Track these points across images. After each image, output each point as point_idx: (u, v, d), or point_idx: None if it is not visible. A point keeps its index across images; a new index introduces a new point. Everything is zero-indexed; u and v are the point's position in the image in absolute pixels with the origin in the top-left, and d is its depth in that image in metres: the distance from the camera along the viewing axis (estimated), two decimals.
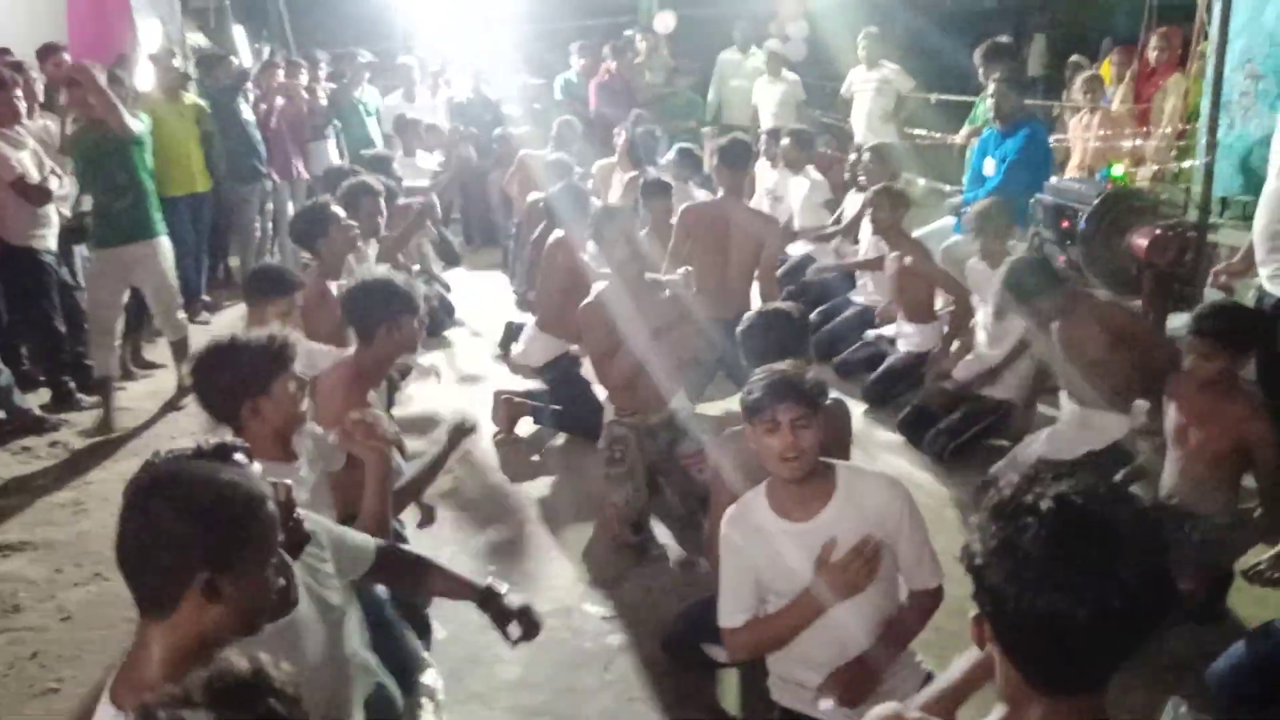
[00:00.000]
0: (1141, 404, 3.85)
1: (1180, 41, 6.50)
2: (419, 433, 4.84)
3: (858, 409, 5.02)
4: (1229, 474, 3.16)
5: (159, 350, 6.07)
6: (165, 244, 5.53)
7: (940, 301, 5.28)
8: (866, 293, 5.96)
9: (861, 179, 6.16)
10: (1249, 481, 3.21)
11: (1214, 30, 4.83)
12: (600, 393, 4.49)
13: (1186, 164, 5.69)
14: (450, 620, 3.30)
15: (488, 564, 3.92)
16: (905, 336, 5.28)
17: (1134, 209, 4.68)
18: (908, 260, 5.04)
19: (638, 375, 3.95)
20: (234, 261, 8.03)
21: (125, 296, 5.60)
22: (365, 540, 2.26)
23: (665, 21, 10.22)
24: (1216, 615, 3.21)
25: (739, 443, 2.73)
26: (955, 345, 4.90)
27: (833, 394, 2.98)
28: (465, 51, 9.74)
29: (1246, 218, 5.74)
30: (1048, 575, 1.21)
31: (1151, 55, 6.70)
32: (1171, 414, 3.27)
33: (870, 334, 5.61)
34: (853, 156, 6.81)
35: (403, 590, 2.88)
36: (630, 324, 3.90)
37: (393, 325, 3.12)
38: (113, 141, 5.19)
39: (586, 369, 4.71)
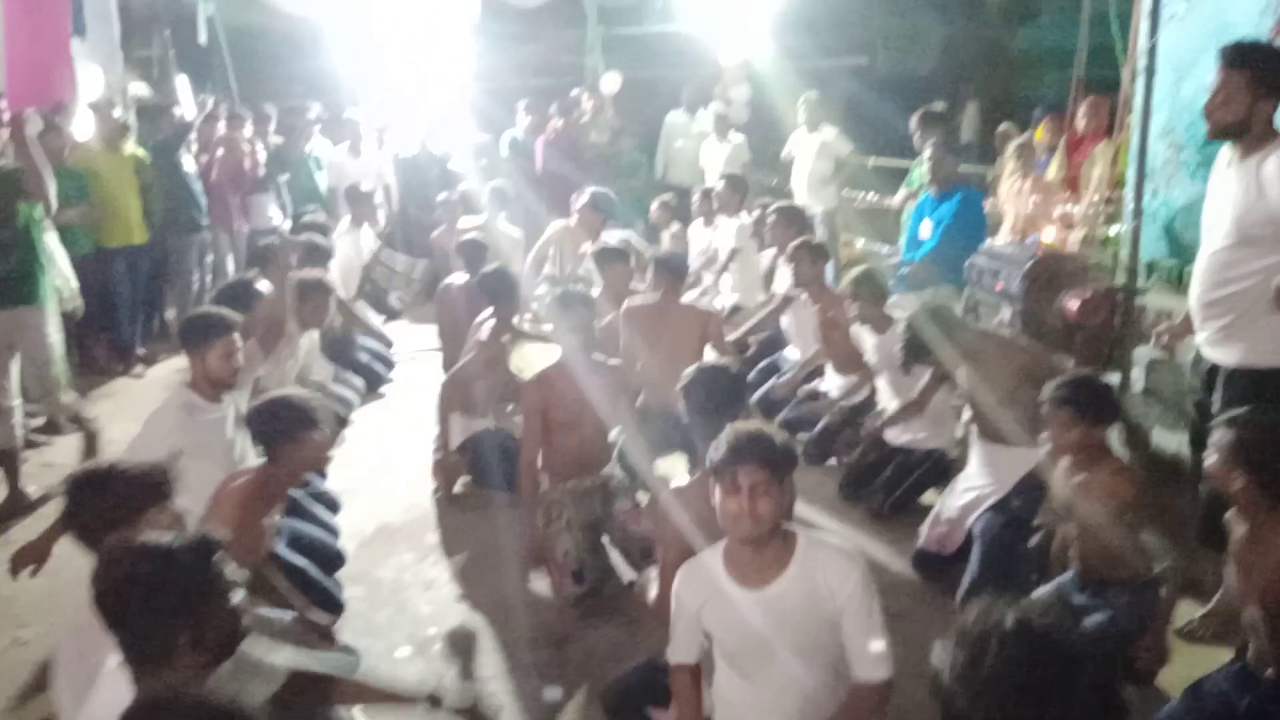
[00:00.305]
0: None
1: (1107, 111, 6.75)
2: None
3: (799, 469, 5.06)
4: (1126, 537, 3.17)
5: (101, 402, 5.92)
6: (50, 311, 4.96)
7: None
8: (803, 350, 5.96)
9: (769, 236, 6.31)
10: None
11: (1137, 101, 5.03)
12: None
13: (1114, 229, 5.88)
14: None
15: (428, 626, 3.85)
16: (837, 390, 5.35)
17: (1065, 272, 4.83)
18: (831, 313, 5.13)
19: (576, 448, 4.01)
20: (171, 314, 7.89)
21: (14, 366, 4.86)
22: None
23: (612, 82, 10.38)
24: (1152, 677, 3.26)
25: (689, 495, 2.74)
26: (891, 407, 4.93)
27: None
28: (412, 107, 9.78)
29: (1171, 281, 5.96)
30: (1011, 696, 1.26)
31: (1080, 124, 6.94)
32: (1057, 490, 3.33)
33: (804, 390, 5.67)
34: (756, 213, 6.95)
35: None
36: (573, 402, 3.99)
37: (294, 443, 3.18)
38: (6, 194, 4.68)
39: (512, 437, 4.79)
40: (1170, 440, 4.59)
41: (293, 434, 3.18)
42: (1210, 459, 2.67)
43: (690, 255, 7.23)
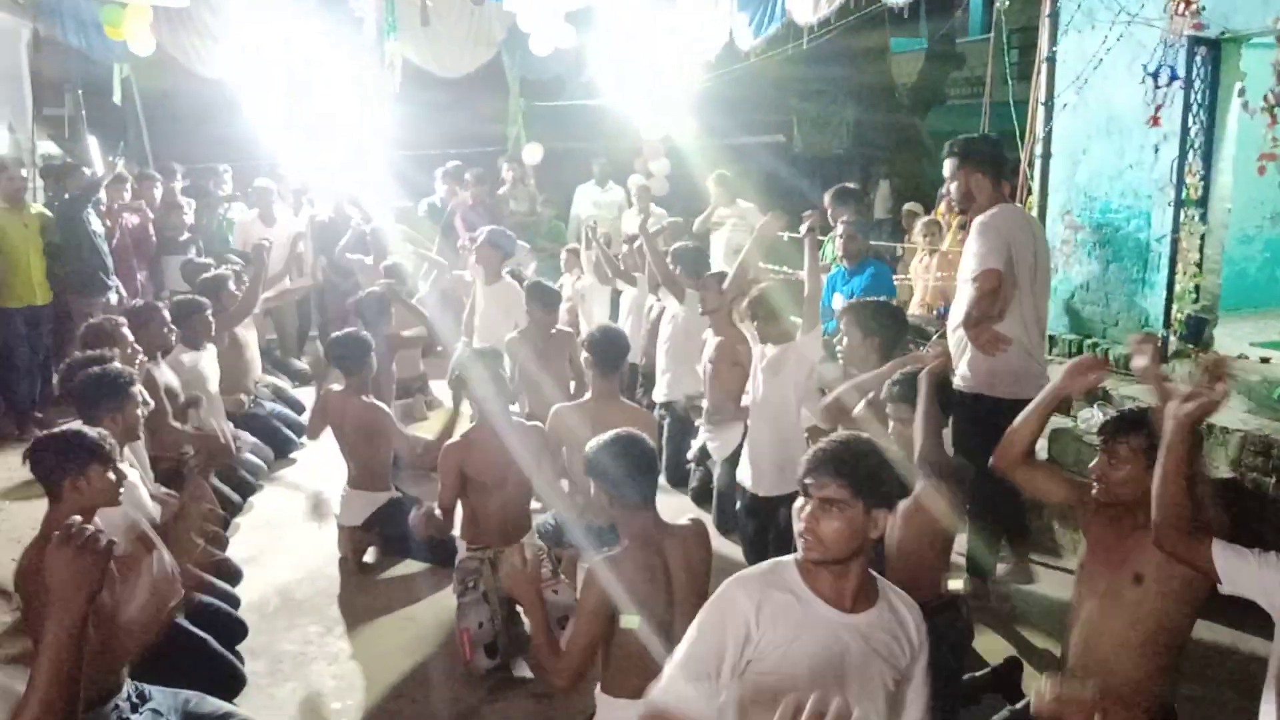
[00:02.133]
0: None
1: (1009, 193, 7.06)
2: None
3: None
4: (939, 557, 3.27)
5: None
6: None
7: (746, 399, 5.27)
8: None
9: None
10: None
11: (1036, 185, 5.28)
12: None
13: None
14: None
15: (332, 701, 3.72)
16: (713, 445, 5.37)
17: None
18: (738, 347, 5.15)
19: (498, 513, 3.96)
20: None
21: None
22: None
23: (533, 153, 10.52)
24: (1020, 693, 3.36)
25: (621, 562, 2.68)
26: None
27: (690, 516, 3.01)
28: (330, 172, 9.73)
29: (1072, 355, 6.20)
30: None
31: (946, 213, 7.25)
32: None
33: (693, 449, 5.68)
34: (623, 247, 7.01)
35: None
36: (494, 465, 3.94)
37: (78, 478, 2.87)
38: None
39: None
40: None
41: (78, 469, 2.88)
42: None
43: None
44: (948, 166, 4.24)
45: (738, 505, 4.82)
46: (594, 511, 3.72)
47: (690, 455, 5.75)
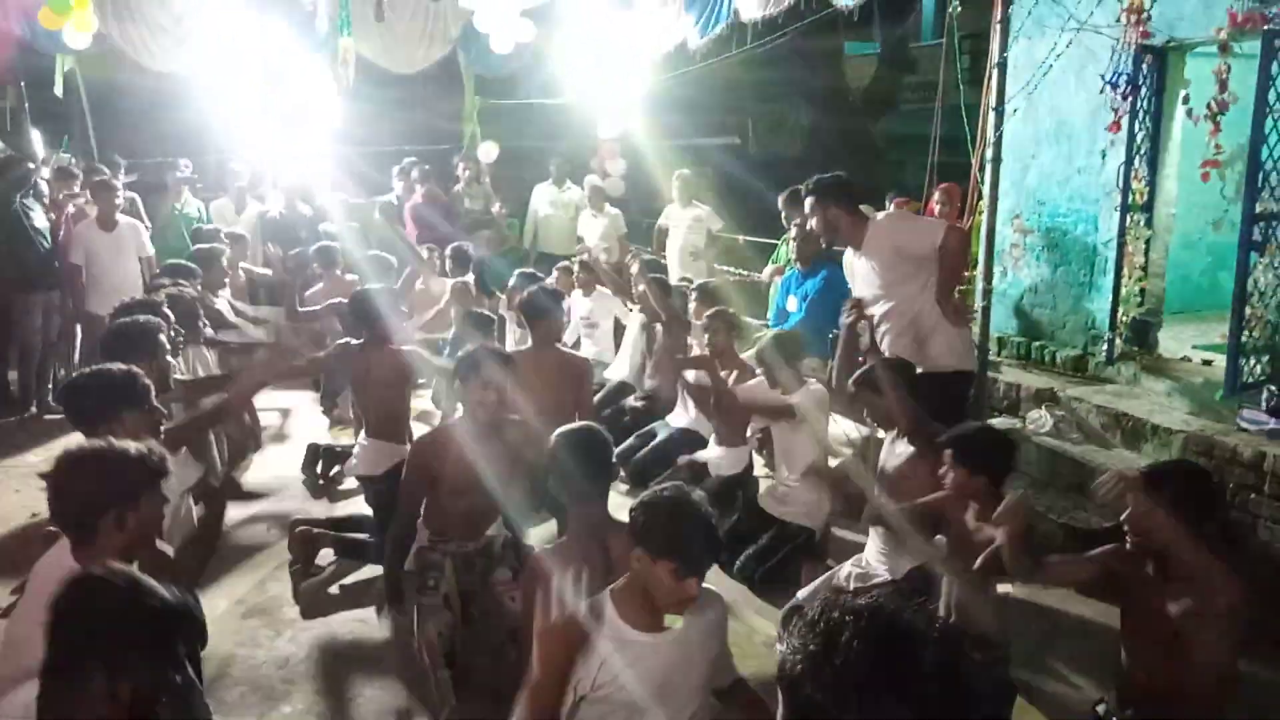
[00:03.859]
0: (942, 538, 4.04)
1: (960, 197, 7.16)
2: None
3: None
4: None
5: None
6: None
7: (751, 427, 5.42)
8: (687, 417, 5.99)
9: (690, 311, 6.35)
10: None
11: (986, 189, 5.35)
12: None
13: None
14: None
15: (282, 705, 3.67)
16: (715, 462, 5.40)
17: None
18: (749, 383, 5.20)
19: (454, 504, 3.87)
20: (12, 375, 7.43)
21: None
22: None
23: (489, 151, 10.45)
24: None
25: (559, 557, 2.69)
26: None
27: None
28: (281, 166, 9.60)
29: (1020, 357, 6.29)
30: (868, 682, 1.25)
31: (935, 209, 7.34)
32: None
33: (683, 459, 5.70)
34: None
35: None
36: (466, 464, 3.80)
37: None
38: None
39: None
40: None
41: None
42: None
43: (571, 325, 7.27)
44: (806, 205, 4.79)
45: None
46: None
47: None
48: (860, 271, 4.68)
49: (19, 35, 8.46)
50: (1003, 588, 3.41)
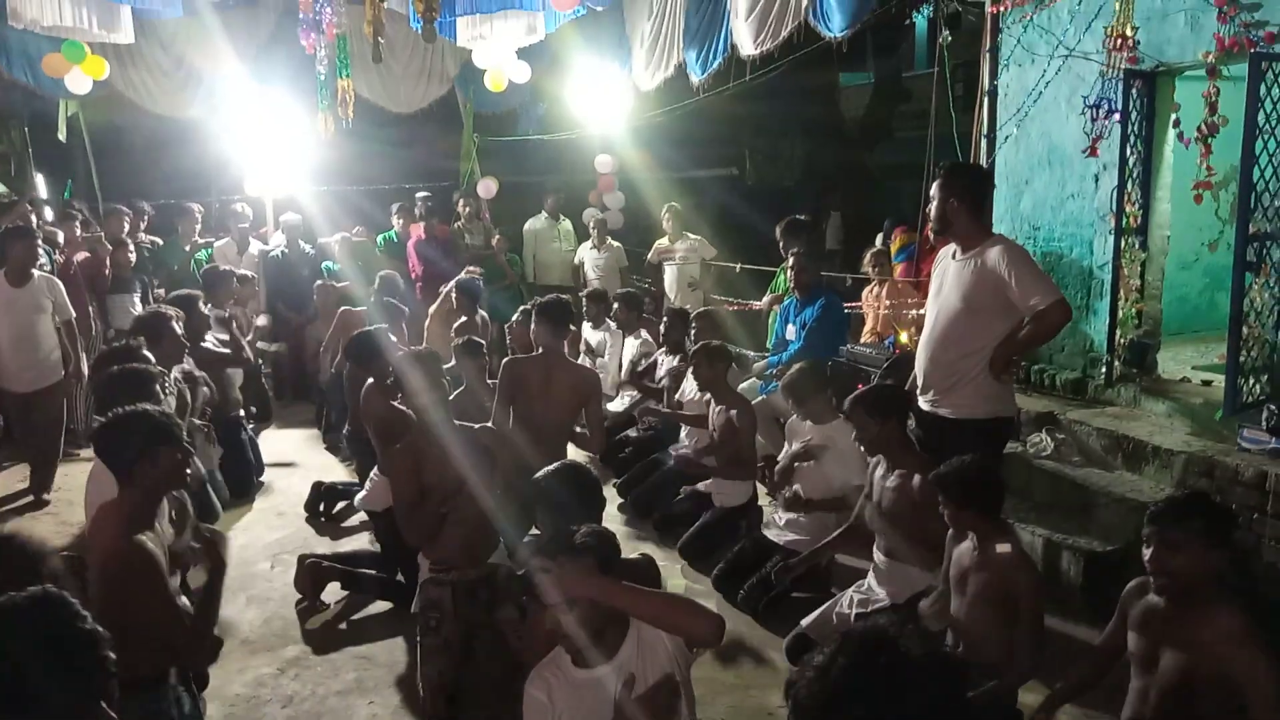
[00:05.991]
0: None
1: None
2: None
3: (676, 563, 5.08)
4: (997, 616, 3.30)
5: None
6: None
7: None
8: (692, 447, 5.95)
9: (690, 338, 6.39)
10: None
11: None
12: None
13: None
14: None
15: None
16: (719, 493, 5.40)
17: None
18: (733, 414, 5.22)
19: (451, 527, 3.82)
20: None
21: None
22: None
23: (488, 188, 10.55)
24: None
25: None
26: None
27: (643, 550, 3.02)
28: (283, 205, 9.70)
29: (1020, 381, 6.30)
30: (868, 714, 1.28)
31: (931, 234, 7.39)
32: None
33: (685, 490, 5.70)
34: (665, 320, 7.11)
35: None
36: (439, 471, 3.73)
37: (149, 459, 2.89)
38: None
39: None
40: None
41: (149, 450, 2.90)
42: None
43: (580, 356, 7.37)
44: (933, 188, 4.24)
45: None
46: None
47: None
48: (951, 277, 4.15)
49: (22, 80, 8.59)
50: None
